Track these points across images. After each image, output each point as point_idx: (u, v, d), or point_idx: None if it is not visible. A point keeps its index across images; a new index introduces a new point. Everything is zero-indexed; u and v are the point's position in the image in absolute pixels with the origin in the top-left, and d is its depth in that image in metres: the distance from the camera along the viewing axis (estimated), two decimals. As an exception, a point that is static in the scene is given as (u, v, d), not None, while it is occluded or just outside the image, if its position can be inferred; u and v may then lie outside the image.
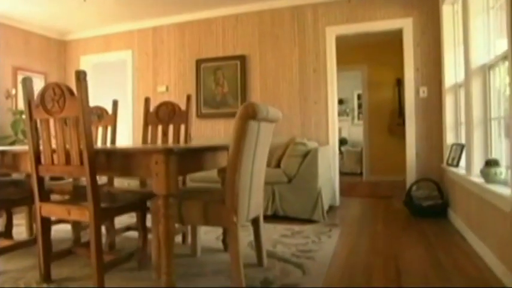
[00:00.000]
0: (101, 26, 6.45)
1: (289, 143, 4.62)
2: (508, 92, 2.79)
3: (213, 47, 5.85)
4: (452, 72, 4.46)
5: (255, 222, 2.79)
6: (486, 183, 2.89)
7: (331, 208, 4.99)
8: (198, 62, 5.87)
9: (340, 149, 10.48)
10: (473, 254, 3.05)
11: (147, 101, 3.64)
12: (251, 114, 2.25)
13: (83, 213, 2.30)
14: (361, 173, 8.67)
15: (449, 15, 4.49)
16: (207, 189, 2.91)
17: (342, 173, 9.45)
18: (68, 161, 2.35)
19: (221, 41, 5.80)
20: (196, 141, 5.50)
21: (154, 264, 2.56)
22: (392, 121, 7.87)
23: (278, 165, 4.55)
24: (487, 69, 3.24)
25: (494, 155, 3.16)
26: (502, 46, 2.91)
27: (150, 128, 3.59)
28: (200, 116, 5.85)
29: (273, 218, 4.37)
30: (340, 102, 12.84)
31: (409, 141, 4.99)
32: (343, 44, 7.10)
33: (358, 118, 11.81)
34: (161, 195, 2.18)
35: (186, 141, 3.43)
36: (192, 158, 2.47)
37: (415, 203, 4.52)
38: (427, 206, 4.43)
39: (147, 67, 6.28)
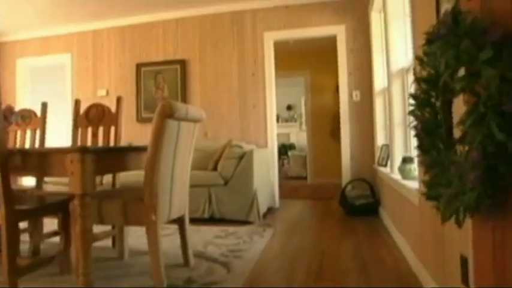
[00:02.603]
0: (39, 27, 6.27)
1: (226, 145, 4.67)
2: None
3: (153, 51, 5.83)
4: (381, 76, 4.68)
5: (179, 222, 2.80)
6: (402, 179, 3.06)
7: (270, 210, 5.08)
8: (139, 66, 5.83)
9: (287, 154, 10.66)
10: (395, 247, 3.21)
11: (77, 102, 3.58)
12: (168, 112, 2.28)
13: (-5, 215, 2.24)
14: (306, 177, 8.85)
15: (377, 22, 4.71)
16: (133, 188, 2.90)
17: (288, 178, 9.68)
18: (-21, 162, 2.28)
19: (162, 45, 5.79)
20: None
21: (74, 267, 2.51)
22: (334, 125, 8.09)
23: (215, 168, 4.58)
24: (405, 72, 3.43)
25: (413, 153, 3.34)
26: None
27: (80, 130, 3.53)
28: (140, 120, 5.80)
29: (210, 220, 4.39)
30: (289, 108, 13.08)
31: (344, 143, 5.18)
32: (286, 51, 7.29)
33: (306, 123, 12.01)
34: (77, 195, 2.16)
35: (116, 143, 3.40)
36: (111, 158, 2.46)
37: (348, 203, 4.68)
38: (360, 204, 4.61)
39: (87, 71, 6.16)
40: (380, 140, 4.73)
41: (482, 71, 0.78)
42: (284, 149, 12.29)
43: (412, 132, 1.29)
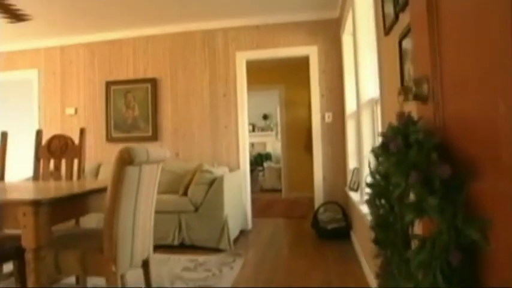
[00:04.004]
0: (4, 42, 6.05)
1: (197, 170, 4.59)
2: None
3: (123, 69, 5.70)
4: (353, 100, 4.66)
5: (144, 265, 2.71)
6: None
7: (242, 233, 5.01)
8: (108, 84, 5.69)
9: (263, 165, 10.62)
10: (363, 279, 3.19)
11: (38, 133, 3.45)
12: (127, 160, 2.19)
13: None
14: (281, 190, 8.82)
15: (349, 45, 4.69)
16: (95, 231, 2.79)
17: (263, 190, 9.63)
18: None
19: (132, 62, 5.66)
20: (106, 167, 5.31)
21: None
22: (308, 140, 8.08)
23: (185, 193, 4.49)
24: (374, 103, 3.42)
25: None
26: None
27: (42, 162, 3.40)
28: (110, 139, 5.65)
29: (180, 247, 4.30)
30: (265, 117, 13.05)
31: (316, 164, 5.16)
32: (261, 64, 7.23)
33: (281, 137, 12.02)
34: (31, 249, 2.06)
35: (79, 177, 3.29)
36: (69, 204, 2.36)
37: (320, 226, 4.66)
38: (332, 229, 4.59)
39: (55, 88, 5.98)
40: (352, 163, 4.72)
41: (430, 214, 0.75)
42: (260, 159, 12.26)
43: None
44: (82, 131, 3.35)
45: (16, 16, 3.55)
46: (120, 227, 2.27)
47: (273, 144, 12.66)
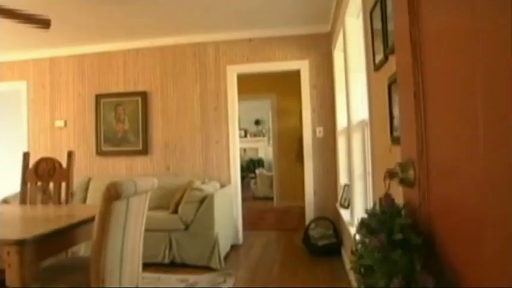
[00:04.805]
0: (-8, 53, 5.99)
1: (187, 187, 4.56)
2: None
3: (113, 82, 5.64)
4: (344, 117, 4.66)
5: (132, 294, 2.69)
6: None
7: (233, 248, 5.00)
8: (98, 97, 5.63)
9: (255, 172, 10.60)
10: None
11: (25, 156, 3.41)
12: (114, 195, 2.16)
13: None
14: (273, 198, 8.81)
15: (340, 61, 4.69)
16: (82, 262, 2.76)
17: (255, 198, 9.62)
18: None
19: (122, 75, 5.62)
20: (96, 181, 5.27)
21: None
22: (300, 149, 8.09)
23: (176, 210, 4.47)
24: (365, 124, 3.42)
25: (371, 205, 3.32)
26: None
27: (29, 185, 3.36)
28: (100, 153, 5.60)
29: (171, 265, 4.28)
30: (257, 122, 13.05)
31: (307, 178, 5.15)
32: (252, 74, 7.22)
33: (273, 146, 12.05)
34: None
35: (67, 201, 3.25)
36: (56, 238, 2.33)
37: (311, 243, 4.66)
38: (322, 245, 4.58)
39: (44, 100, 5.91)
40: (343, 178, 4.72)
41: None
42: (252, 165, 12.26)
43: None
44: (70, 154, 3.32)
45: (40, 22, 3.44)
46: (108, 261, 2.24)
47: (265, 150, 12.67)
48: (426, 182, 0.89)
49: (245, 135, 12.74)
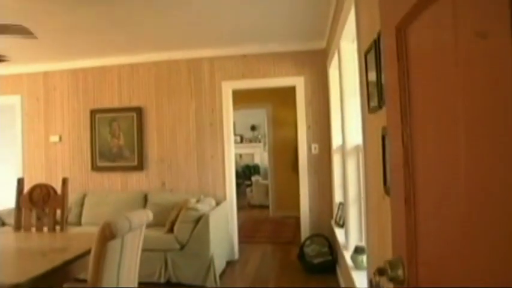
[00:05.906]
0: (-15, 67, 5.95)
1: (183, 206, 4.56)
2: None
3: (108, 97, 5.63)
4: (339, 135, 4.66)
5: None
6: (355, 268, 3.05)
7: (229, 264, 5.00)
8: (93, 112, 5.62)
9: (251, 179, 10.61)
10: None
11: (20, 182, 3.40)
12: (109, 236, 2.17)
13: None
14: (269, 206, 8.81)
15: (335, 79, 4.69)
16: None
17: (251, 206, 9.63)
18: None
19: (116, 90, 5.60)
20: (91, 197, 5.26)
21: None
22: (296, 159, 8.10)
23: (171, 229, 4.46)
24: (360, 150, 3.43)
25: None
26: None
27: (23, 211, 3.35)
28: (96, 168, 5.58)
29: (167, 285, 4.29)
30: (253, 128, 13.05)
31: (302, 193, 5.16)
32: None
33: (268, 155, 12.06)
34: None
35: (62, 228, 3.25)
36: (51, 275, 2.33)
37: (306, 260, 4.67)
38: (318, 263, 4.60)
39: (38, 114, 5.88)
40: (338, 196, 4.74)
41: None
42: (248, 171, 12.27)
43: None
44: (64, 181, 3.31)
45: (19, 31, 3.38)
46: (103, 300, 2.24)
47: (261, 155, 12.67)
48: (416, 281, 0.90)
49: (241, 141, 12.75)
